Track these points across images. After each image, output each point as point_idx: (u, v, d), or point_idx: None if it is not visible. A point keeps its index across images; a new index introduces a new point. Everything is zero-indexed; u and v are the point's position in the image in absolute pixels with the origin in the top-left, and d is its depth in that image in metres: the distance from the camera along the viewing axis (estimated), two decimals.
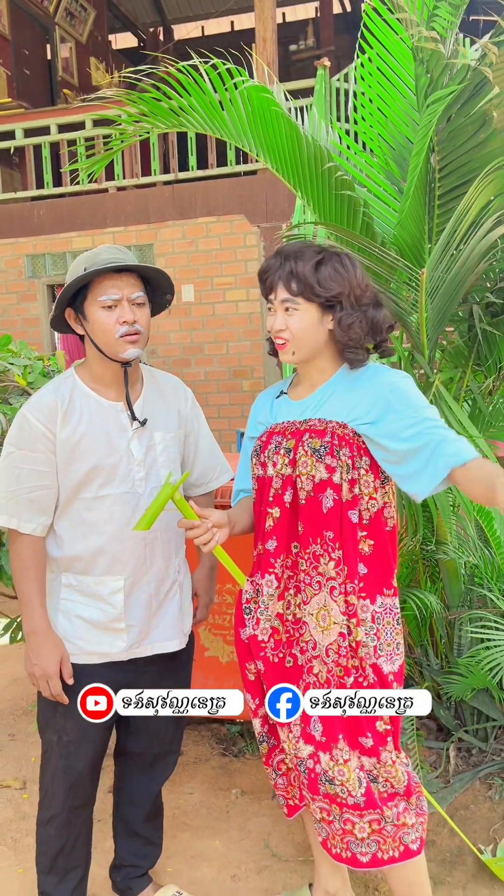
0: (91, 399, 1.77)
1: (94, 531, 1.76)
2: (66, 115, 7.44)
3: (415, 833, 1.71)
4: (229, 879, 2.16)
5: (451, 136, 2.13)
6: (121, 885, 2.06)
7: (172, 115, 2.34)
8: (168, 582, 1.87)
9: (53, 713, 1.83)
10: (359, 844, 1.69)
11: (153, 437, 1.82)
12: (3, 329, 7.31)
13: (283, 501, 1.71)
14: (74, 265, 1.74)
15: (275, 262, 1.66)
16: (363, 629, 1.65)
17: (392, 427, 1.59)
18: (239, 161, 6.77)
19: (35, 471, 1.73)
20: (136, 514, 1.76)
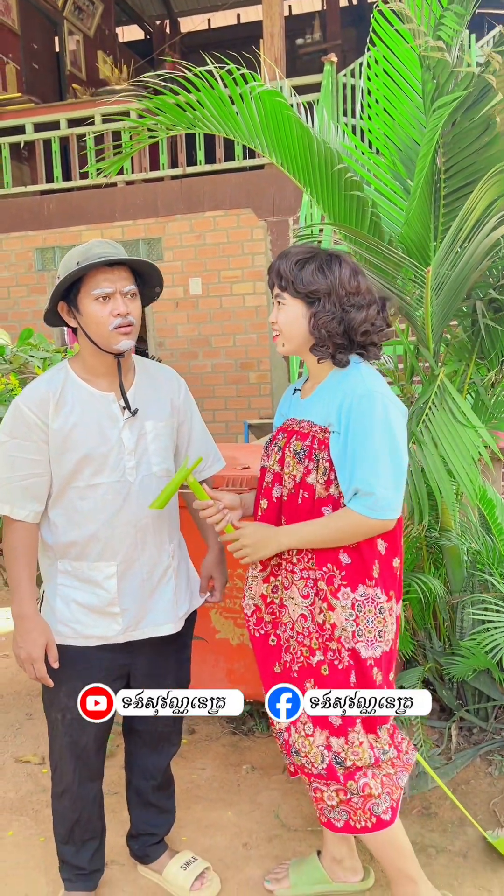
0: (83, 390, 1.82)
1: (86, 519, 1.82)
2: (75, 109, 7.52)
3: (384, 803, 1.78)
4: (241, 847, 2.27)
5: (457, 139, 2.22)
6: (138, 853, 2.17)
7: (188, 119, 2.43)
8: (161, 567, 1.93)
9: (57, 693, 1.89)
10: (330, 811, 1.82)
11: (144, 426, 1.87)
12: (13, 322, 7.41)
13: (272, 495, 1.84)
14: (67, 259, 1.78)
15: (273, 262, 1.78)
16: (341, 614, 1.71)
17: (342, 452, 1.70)
18: (246, 156, 6.85)
19: (28, 459, 1.78)
20: (128, 501, 1.83)
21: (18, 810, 2.50)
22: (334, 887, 2.05)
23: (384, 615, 1.75)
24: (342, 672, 1.73)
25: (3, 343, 2.68)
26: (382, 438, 1.66)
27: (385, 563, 1.76)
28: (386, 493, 1.66)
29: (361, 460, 1.66)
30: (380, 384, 1.72)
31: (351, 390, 1.70)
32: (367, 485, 1.65)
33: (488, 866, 2.15)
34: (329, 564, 1.74)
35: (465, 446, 2.26)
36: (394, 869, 1.87)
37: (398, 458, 1.68)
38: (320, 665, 1.75)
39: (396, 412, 1.70)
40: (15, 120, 7.60)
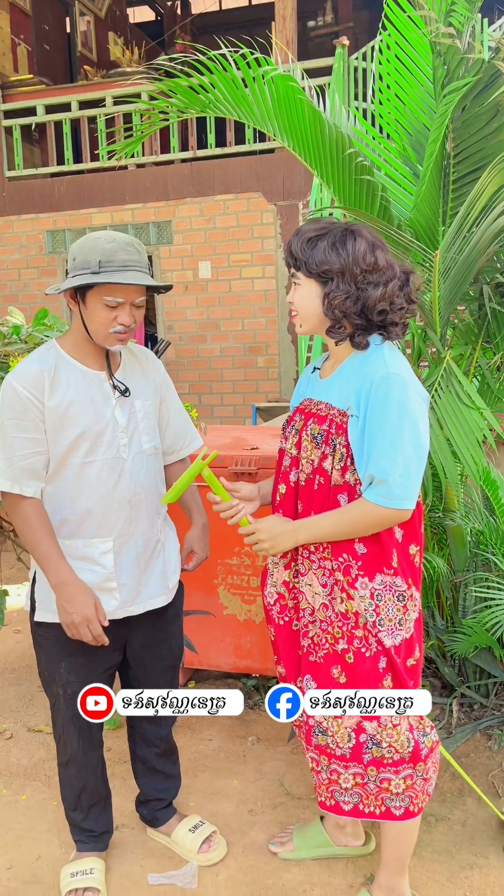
0: (75, 369, 1.84)
1: (81, 495, 1.84)
2: (86, 91, 7.52)
3: (401, 802, 1.78)
4: (247, 813, 2.35)
5: (466, 125, 2.25)
6: (148, 817, 2.25)
7: (201, 101, 2.46)
8: (153, 541, 1.98)
9: (57, 669, 1.94)
10: (342, 793, 1.82)
11: (134, 404, 1.91)
12: (23, 304, 7.46)
13: (289, 480, 1.82)
14: (87, 251, 1.76)
15: (289, 240, 1.72)
16: (360, 604, 1.70)
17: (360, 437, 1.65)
18: (257, 139, 6.85)
19: (27, 438, 1.79)
20: (122, 478, 1.87)
21: (31, 776, 2.58)
22: (337, 851, 2.12)
23: (404, 602, 1.73)
24: (370, 659, 1.72)
25: (18, 323, 2.73)
26: (400, 424, 1.60)
27: (403, 551, 1.74)
28: (401, 481, 1.60)
29: (377, 446, 1.60)
30: (402, 368, 1.65)
31: (371, 373, 1.63)
32: (381, 472, 1.60)
33: (486, 834, 2.22)
34: (345, 554, 1.72)
35: (469, 428, 2.30)
36: (391, 855, 1.88)
37: (416, 446, 1.62)
38: (345, 653, 1.75)
39: (417, 398, 1.64)
40: (26, 101, 7.61)
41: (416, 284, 1.71)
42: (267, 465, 2.74)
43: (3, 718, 2.98)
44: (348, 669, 1.75)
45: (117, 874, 2.10)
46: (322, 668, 1.80)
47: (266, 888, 2.03)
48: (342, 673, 1.76)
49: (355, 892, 1.99)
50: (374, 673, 1.72)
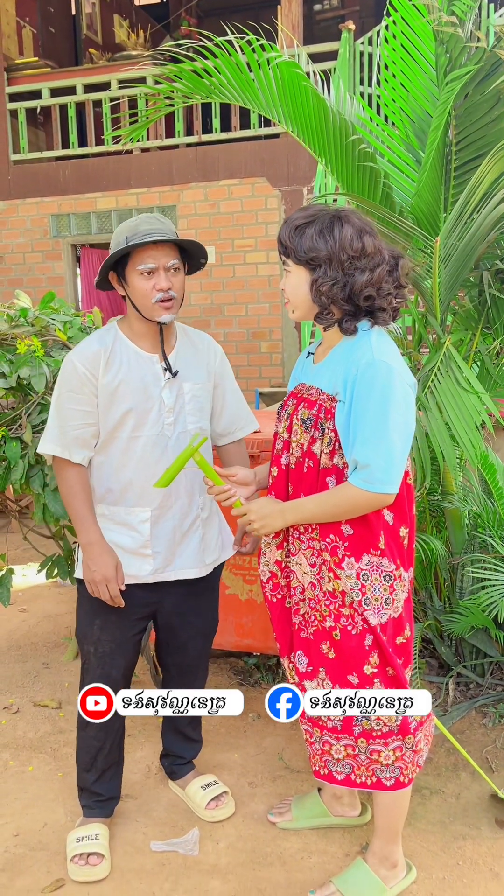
0: (131, 350, 1.98)
1: (126, 467, 1.99)
2: (92, 74, 7.51)
3: (391, 773, 1.83)
4: (247, 785, 2.42)
5: (468, 112, 2.28)
6: (168, 770, 2.41)
7: (206, 87, 2.49)
8: (191, 517, 2.09)
9: (91, 627, 2.08)
10: (335, 763, 1.89)
11: (182, 387, 2.03)
12: (28, 288, 7.49)
13: (281, 463, 1.87)
14: (117, 234, 1.92)
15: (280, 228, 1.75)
16: (347, 583, 1.74)
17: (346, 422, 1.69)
18: (261, 124, 6.85)
19: (80, 410, 1.96)
20: (165, 454, 1.99)
21: (38, 749, 2.65)
22: (334, 821, 2.19)
23: (391, 582, 1.76)
24: (356, 637, 1.76)
25: (25, 306, 2.78)
26: (384, 411, 1.62)
27: (392, 533, 1.77)
28: (384, 466, 1.63)
29: (361, 432, 1.64)
30: (389, 354, 1.67)
31: (358, 359, 1.66)
32: (364, 457, 1.64)
33: (479, 807, 2.28)
34: (332, 535, 1.75)
35: (468, 413, 2.35)
36: (383, 823, 1.94)
37: (400, 433, 1.64)
38: (332, 630, 1.79)
39: (403, 385, 1.65)
40: (31, 84, 7.60)
41: (406, 269, 1.73)
42: (269, 449, 2.78)
43: (10, 694, 3.05)
44: (336, 646, 1.80)
45: (121, 841, 2.17)
46: (312, 643, 1.85)
47: (265, 855, 2.10)
48: (331, 649, 1.81)
49: (351, 860, 2.06)
50: (361, 650, 1.77)
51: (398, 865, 1.96)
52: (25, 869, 2.08)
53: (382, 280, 1.68)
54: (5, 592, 2.77)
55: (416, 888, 1.97)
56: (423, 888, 1.98)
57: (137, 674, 3.06)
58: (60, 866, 2.08)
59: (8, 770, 2.53)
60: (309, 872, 2.04)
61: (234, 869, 2.06)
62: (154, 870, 2.06)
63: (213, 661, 3.22)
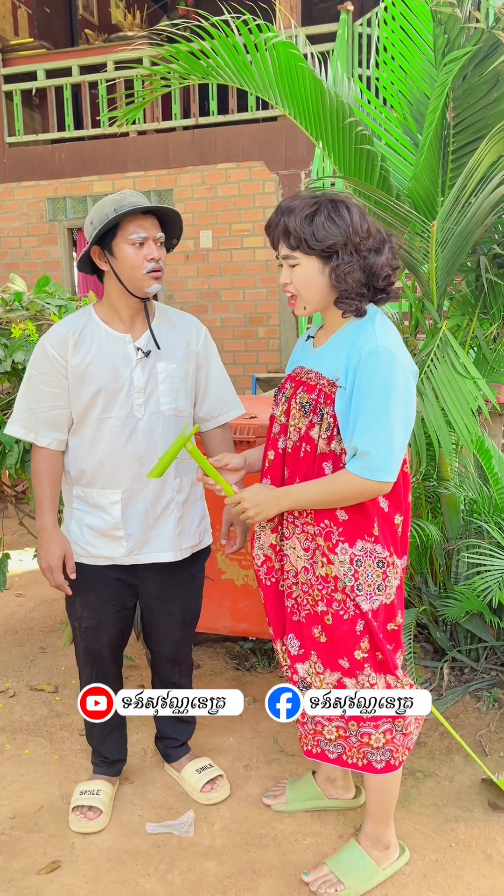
0: (101, 330, 1.98)
1: (96, 449, 2.00)
2: (87, 55, 7.43)
3: (381, 755, 1.85)
4: (242, 768, 2.43)
5: (466, 94, 2.26)
6: (163, 752, 2.42)
7: (202, 68, 2.46)
8: (164, 500, 2.07)
9: (73, 604, 2.14)
10: (327, 744, 1.91)
11: (156, 366, 2.01)
12: (24, 272, 7.45)
13: (278, 447, 1.86)
14: (100, 207, 1.90)
15: (274, 219, 1.69)
16: (340, 569, 1.74)
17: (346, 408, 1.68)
18: (259, 107, 6.79)
19: (50, 392, 1.97)
20: (134, 435, 1.99)
21: (34, 732, 2.66)
22: (328, 803, 2.21)
23: (384, 569, 1.76)
24: (347, 622, 1.77)
25: (20, 290, 2.76)
26: (385, 399, 1.61)
27: (386, 521, 1.77)
28: (383, 454, 1.62)
29: (362, 419, 1.63)
30: (392, 341, 1.66)
31: (361, 346, 1.65)
32: (364, 444, 1.63)
33: (472, 789, 2.30)
34: (327, 521, 1.75)
35: (464, 398, 2.34)
36: (375, 806, 1.95)
37: (400, 421, 1.64)
38: (324, 615, 1.80)
39: (405, 373, 1.65)
40: (27, 66, 7.52)
41: (398, 246, 1.76)
42: (265, 434, 2.77)
43: (7, 678, 3.06)
44: (328, 630, 1.80)
45: (117, 823, 2.18)
46: (304, 627, 1.86)
47: (259, 837, 2.12)
48: (322, 633, 1.82)
49: (345, 842, 2.07)
50: (352, 635, 1.77)
51: (391, 847, 1.98)
52: (21, 851, 2.09)
53: (391, 258, 1.69)
54: (2, 577, 2.77)
55: (409, 870, 1.99)
56: (415, 870, 1.99)
57: (133, 657, 3.08)
58: (57, 848, 2.10)
59: (4, 753, 2.54)
60: (303, 854, 2.06)
61: (228, 850, 2.07)
62: (150, 851, 2.08)
63: (208, 646, 3.23)
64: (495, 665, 2.86)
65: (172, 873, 2.00)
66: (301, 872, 1.98)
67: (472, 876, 1.98)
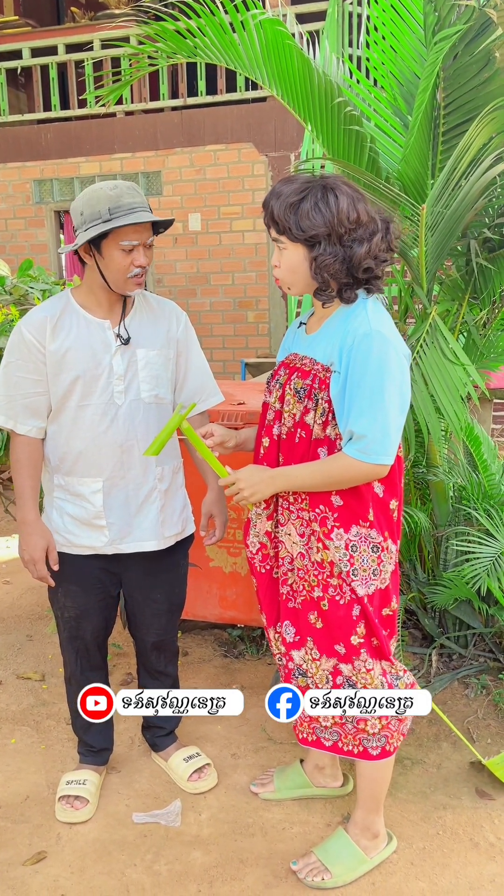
0: (80, 316, 1.94)
1: (76, 437, 1.97)
2: (74, 34, 7.31)
3: (377, 741, 1.85)
4: (230, 757, 2.42)
5: (457, 74, 2.21)
6: (150, 742, 2.41)
7: (189, 47, 2.41)
8: (146, 488, 2.05)
9: (55, 593, 2.12)
10: (323, 731, 1.91)
11: (136, 353, 1.98)
12: (10, 255, 7.36)
13: (273, 433, 1.85)
14: (93, 200, 1.82)
15: (266, 200, 1.69)
16: (335, 554, 1.74)
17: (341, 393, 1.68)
18: (248, 87, 6.69)
19: (28, 379, 1.93)
20: (114, 423, 1.96)
21: (20, 721, 2.64)
22: (316, 792, 2.20)
23: (378, 554, 1.76)
24: (344, 607, 1.76)
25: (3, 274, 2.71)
26: (380, 382, 1.61)
27: (381, 506, 1.77)
28: (380, 437, 1.63)
29: (358, 403, 1.63)
30: (385, 325, 1.66)
31: (354, 330, 1.65)
32: (360, 427, 1.63)
33: (459, 777, 2.30)
34: (322, 506, 1.75)
35: (454, 384, 2.32)
36: (367, 793, 1.95)
37: (396, 403, 1.64)
38: (320, 600, 1.79)
39: (399, 355, 1.65)
40: (11, 44, 7.39)
41: (397, 233, 1.71)
42: (253, 421, 2.75)
43: None
44: (324, 616, 1.80)
45: (103, 813, 2.17)
46: (300, 613, 1.85)
47: (247, 826, 2.11)
48: (318, 619, 1.81)
49: (332, 830, 2.07)
50: (348, 620, 1.77)
51: (379, 836, 1.98)
52: (7, 842, 2.08)
53: (379, 249, 1.66)
54: None
55: (397, 858, 1.99)
56: (403, 858, 1.99)
57: (121, 645, 3.06)
58: (42, 839, 2.08)
59: None
60: (290, 843, 2.05)
61: (216, 840, 2.07)
62: (136, 841, 2.07)
63: (197, 633, 3.22)
64: (483, 652, 2.86)
65: (159, 863, 1.99)
66: (288, 861, 1.97)
67: (460, 864, 1.98)
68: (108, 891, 1.91)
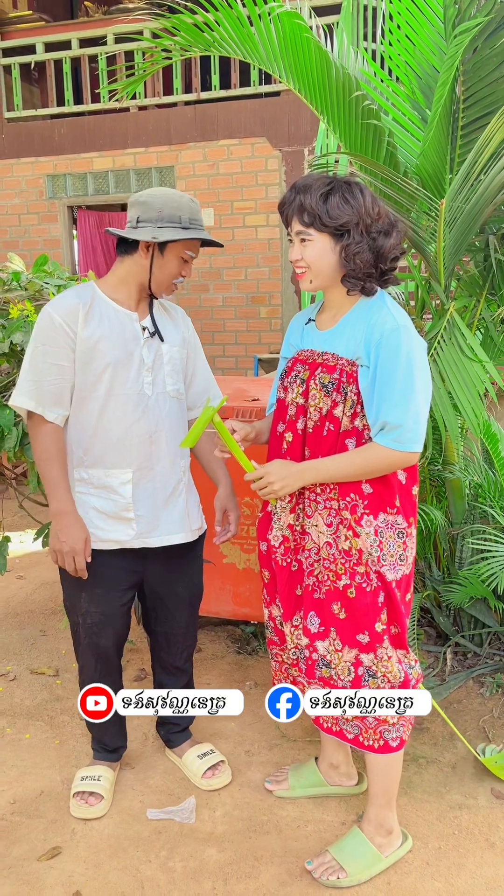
0: (109, 306, 1.96)
1: (104, 426, 1.95)
2: (87, 28, 7.29)
3: (396, 732, 1.86)
4: (244, 754, 2.42)
5: (477, 68, 2.19)
6: (164, 738, 2.40)
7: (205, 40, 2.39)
8: (174, 480, 2.07)
9: (78, 598, 2.07)
10: (345, 723, 1.91)
11: (161, 348, 2.02)
12: (24, 251, 7.36)
13: (297, 428, 1.87)
14: (175, 207, 1.89)
15: (289, 196, 1.75)
16: (366, 540, 1.77)
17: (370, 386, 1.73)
18: (262, 81, 6.66)
19: (56, 365, 1.91)
20: (145, 414, 1.98)
21: (35, 716, 2.65)
22: (330, 790, 2.19)
23: (403, 539, 1.82)
24: (370, 594, 1.79)
25: (18, 270, 2.70)
26: (410, 374, 1.68)
27: (405, 492, 1.83)
28: (412, 426, 1.70)
29: (389, 394, 1.69)
30: (406, 318, 1.74)
31: (380, 324, 1.71)
32: (394, 418, 1.69)
33: (475, 777, 2.29)
34: (352, 494, 1.79)
35: (471, 381, 2.30)
36: (379, 789, 1.95)
37: (424, 393, 1.72)
38: (346, 588, 1.81)
39: (421, 347, 1.73)
40: (25, 39, 7.38)
41: (404, 232, 1.81)
42: None
43: (7, 661, 3.04)
44: (348, 605, 1.82)
45: (118, 809, 2.17)
46: (324, 604, 1.86)
47: (261, 823, 2.11)
48: (342, 609, 1.83)
49: (347, 829, 2.06)
50: (374, 607, 1.80)
51: (394, 832, 1.97)
52: (22, 837, 2.08)
53: (401, 242, 1.75)
54: (2, 560, 2.74)
55: (412, 857, 1.98)
56: (418, 857, 1.98)
57: (134, 641, 3.06)
58: (57, 834, 2.09)
59: (4, 738, 2.53)
60: (305, 841, 2.04)
61: (230, 837, 2.06)
62: (150, 837, 2.07)
63: (210, 629, 3.21)
64: (499, 650, 2.84)
65: (173, 860, 1.99)
66: (303, 859, 1.96)
67: (476, 864, 1.96)
68: (123, 887, 1.91)
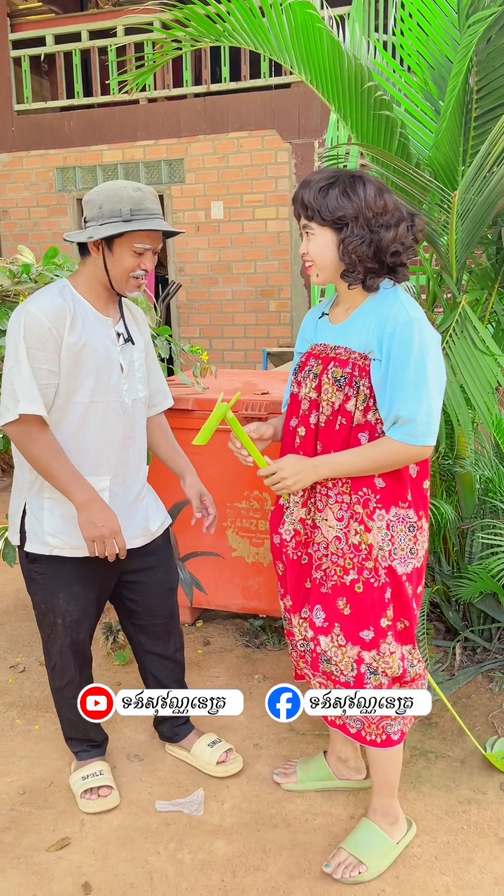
0: (89, 311, 1.92)
1: (84, 433, 1.92)
2: (97, 20, 7.27)
3: (397, 725, 1.87)
4: (252, 747, 2.42)
5: (491, 58, 2.17)
6: (167, 734, 2.37)
7: (216, 30, 2.38)
8: (138, 485, 2.08)
9: (55, 600, 2.02)
10: (349, 717, 1.91)
11: (133, 353, 2.01)
12: (33, 243, 7.37)
13: (309, 422, 1.87)
14: (113, 196, 1.82)
15: (296, 191, 1.76)
16: (378, 535, 1.78)
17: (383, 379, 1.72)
18: (272, 73, 6.62)
19: (45, 369, 1.84)
20: (121, 421, 1.97)
21: (44, 708, 2.66)
22: (338, 784, 2.19)
23: (414, 533, 1.81)
24: (378, 590, 1.79)
25: (28, 262, 2.70)
26: (423, 367, 1.67)
27: (417, 486, 1.83)
28: (426, 419, 1.69)
29: (402, 388, 1.68)
30: (419, 311, 1.73)
31: (393, 317, 1.70)
32: (408, 412, 1.68)
33: (484, 772, 2.28)
34: (365, 488, 1.79)
35: (483, 374, 2.28)
36: (382, 780, 1.96)
37: (437, 386, 1.71)
38: (354, 584, 1.81)
39: (434, 339, 1.72)
40: (35, 31, 7.37)
41: (422, 225, 1.78)
42: (277, 411, 2.73)
43: (17, 653, 3.06)
44: (354, 600, 1.81)
45: (126, 801, 2.18)
46: (329, 599, 1.86)
47: (270, 816, 2.11)
48: (347, 605, 1.83)
49: (356, 822, 2.06)
50: (380, 603, 1.80)
51: (399, 820, 1.99)
52: (31, 827, 2.09)
53: (405, 236, 1.73)
54: (11, 553, 2.75)
55: (421, 851, 1.98)
56: (427, 852, 1.98)
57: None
58: (66, 825, 2.09)
59: (14, 728, 2.54)
60: (313, 834, 2.04)
61: (238, 829, 2.07)
62: (159, 829, 2.07)
63: (219, 623, 3.21)
64: None
65: (182, 852, 1.99)
66: (311, 852, 1.97)
67: (485, 859, 1.96)
68: (132, 878, 1.91)
